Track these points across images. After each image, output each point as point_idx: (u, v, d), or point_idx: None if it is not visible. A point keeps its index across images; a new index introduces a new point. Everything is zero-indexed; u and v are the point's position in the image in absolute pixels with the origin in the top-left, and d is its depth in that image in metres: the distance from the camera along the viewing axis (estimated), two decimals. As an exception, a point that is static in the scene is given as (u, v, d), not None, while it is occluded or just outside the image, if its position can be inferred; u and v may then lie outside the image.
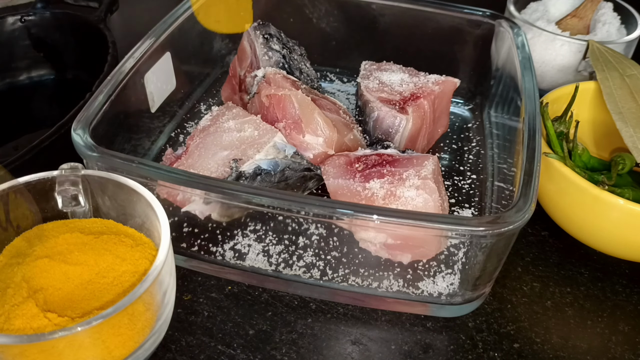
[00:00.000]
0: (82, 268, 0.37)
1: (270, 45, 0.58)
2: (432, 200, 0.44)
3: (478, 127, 0.63)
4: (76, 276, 0.36)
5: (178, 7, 0.59)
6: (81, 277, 0.36)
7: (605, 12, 0.69)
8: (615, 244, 0.48)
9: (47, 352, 0.31)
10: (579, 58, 0.64)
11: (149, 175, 0.41)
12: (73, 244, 0.38)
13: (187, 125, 0.61)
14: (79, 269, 0.37)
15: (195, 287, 0.46)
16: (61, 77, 0.70)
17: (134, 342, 0.35)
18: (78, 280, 0.36)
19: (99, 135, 0.44)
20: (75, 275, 0.36)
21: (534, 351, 0.43)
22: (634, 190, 0.47)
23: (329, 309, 0.45)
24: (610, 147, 0.58)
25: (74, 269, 0.37)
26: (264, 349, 0.42)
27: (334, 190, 0.47)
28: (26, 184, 0.39)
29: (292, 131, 0.50)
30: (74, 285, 0.36)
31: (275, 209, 0.40)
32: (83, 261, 0.37)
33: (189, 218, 0.47)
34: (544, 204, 0.52)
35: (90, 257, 0.37)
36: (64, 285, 0.36)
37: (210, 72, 0.68)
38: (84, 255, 0.37)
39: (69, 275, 0.36)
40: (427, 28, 0.64)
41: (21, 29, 0.67)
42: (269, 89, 0.51)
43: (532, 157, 0.43)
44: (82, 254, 0.37)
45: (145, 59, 0.52)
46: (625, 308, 0.47)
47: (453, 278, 0.45)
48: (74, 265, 0.37)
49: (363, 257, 0.46)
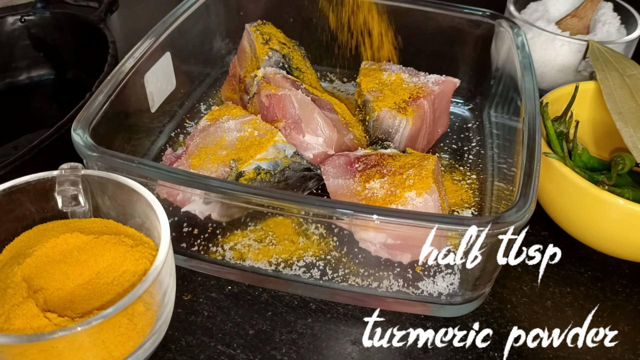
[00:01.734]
0: (82, 268, 0.37)
1: (270, 45, 0.58)
2: (432, 200, 0.44)
3: (478, 127, 0.63)
4: (76, 276, 0.36)
5: (178, 7, 0.59)
6: (81, 277, 0.36)
7: (605, 12, 0.69)
8: (615, 244, 0.48)
9: (47, 352, 0.31)
10: (579, 58, 0.64)
11: (149, 175, 0.41)
12: (73, 244, 0.38)
13: (187, 125, 0.61)
14: (79, 269, 0.37)
15: (195, 287, 0.46)
16: (61, 77, 0.70)
17: (134, 342, 0.35)
18: (78, 280, 0.36)
19: (99, 135, 0.44)
20: (75, 275, 0.36)
21: (534, 351, 0.43)
22: (633, 190, 0.47)
23: (329, 309, 0.45)
24: (610, 147, 0.58)
25: (74, 269, 0.37)
26: (264, 349, 0.42)
27: (334, 190, 0.47)
28: (26, 183, 0.39)
29: (292, 131, 0.50)
30: (74, 285, 0.36)
31: (275, 209, 0.40)
32: (83, 261, 0.37)
33: (189, 218, 0.47)
34: (544, 204, 0.52)
35: (90, 257, 0.37)
36: (64, 285, 0.36)
37: (210, 72, 0.68)
38: (84, 255, 0.37)
39: (69, 275, 0.36)
40: (427, 28, 0.64)
41: (21, 28, 0.67)
42: (269, 89, 0.51)
43: (532, 157, 0.43)
44: (82, 254, 0.37)
45: (145, 58, 0.52)
46: (625, 308, 0.47)
47: (453, 278, 0.45)
48: (74, 265, 0.37)
49: (363, 257, 0.46)
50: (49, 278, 0.36)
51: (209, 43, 0.67)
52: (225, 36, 0.69)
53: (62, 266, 0.36)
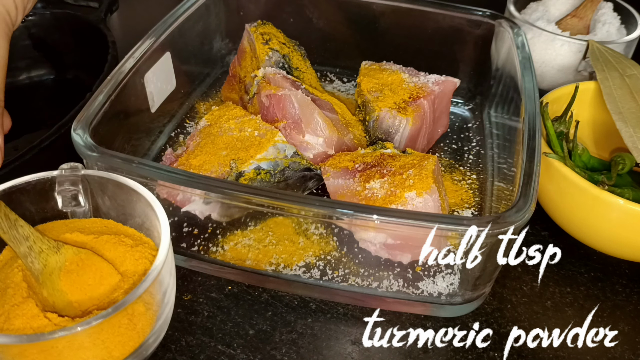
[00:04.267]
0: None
1: (271, 46, 0.58)
2: (432, 201, 0.44)
3: (478, 127, 0.63)
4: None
5: (178, 7, 0.59)
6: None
7: (605, 12, 0.69)
8: (615, 244, 0.48)
9: (47, 352, 0.31)
10: (579, 58, 0.64)
11: (149, 175, 0.41)
12: (73, 244, 0.38)
13: (187, 125, 0.61)
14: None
15: (195, 287, 0.46)
16: (61, 77, 0.70)
17: (134, 342, 0.35)
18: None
19: (98, 135, 0.44)
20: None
21: (534, 351, 0.43)
22: (634, 190, 0.47)
23: (329, 309, 0.45)
24: (610, 147, 0.58)
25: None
26: (264, 349, 0.42)
27: (334, 190, 0.47)
28: (26, 184, 0.39)
29: (292, 131, 0.50)
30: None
31: (275, 209, 0.40)
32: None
33: (188, 218, 0.47)
34: (544, 204, 0.52)
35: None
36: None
37: (210, 72, 0.68)
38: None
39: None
40: (427, 28, 0.64)
41: (21, 29, 0.67)
42: (269, 89, 0.51)
43: (532, 157, 0.43)
44: (82, 254, 0.37)
45: (145, 58, 0.52)
46: (625, 308, 0.47)
47: (453, 278, 0.45)
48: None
49: (363, 257, 0.46)
50: (49, 278, 0.36)
51: (209, 43, 0.67)
52: (225, 36, 0.69)
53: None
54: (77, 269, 0.36)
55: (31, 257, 0.35)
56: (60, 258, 0.36)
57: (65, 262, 0.36)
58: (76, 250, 0.37)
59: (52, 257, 0.36)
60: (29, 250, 0.35)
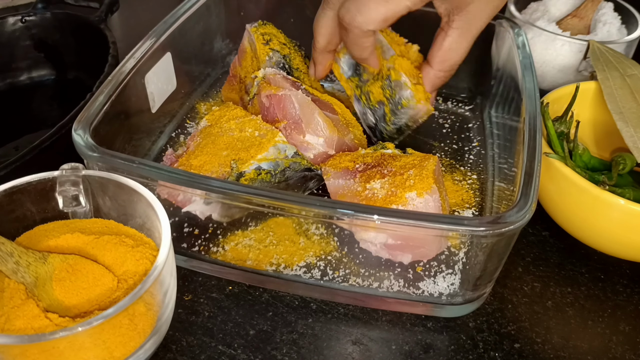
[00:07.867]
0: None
1: (271, 46, 0.58)
2: (432, 201, 0.43)
3: (478, 127, 0.63)
4: (77, 276, 0.36)
5: (178, 7, 0.59)
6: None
7: (605, 12, 0.69)
8: (616, 244, 0.48)
9: (48, 353, 0.31)
10: (579, 58, 0.64)
11: (150, 175, 0.41)
12: (74, 245, 0.38)
13: (188, 126, 0.61)
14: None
15: (195, 287, 0.46)
16: (62, 78, 0.70)
17: (135, 342, 0.35)
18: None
19: (99, 136, 0.44)
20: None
21: (535, 351, 0.43)
22: (634, 190, 0.47)
23: (330, 309, 0.45)
24: (611, 147, 0.58)
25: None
26: (264, 349, 0.42)
27: (335, 190, 0.47)
28: (27, 184, 0.39)
29: (293, 131, 0.50)
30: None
31: (276, 209, 0.40)
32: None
33: (189, 218, 0.47)
34: (544, 204, 0.52)
35: (90, 257, 0.37)
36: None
37: (210, 72, 0.68)
38: (84, 255, 0.37)
39: (69, 275, 0.36)
40: (427, 28, 0.64)
41: (22, 29, 0.68)
42: (269, 90, 0.51)
43: (532, 157, 0.43)
44: (82, 254, 0.37)
45: (146, 59, 0.52)
46: (626, 308, 0.47)
47: (454, 278, 0.45)
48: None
49: (363, 257, 0.46)
50: (50, 278, 0.36)
51: (209, 43, 0.67)
52: (226, 36, 0.69)
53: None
54: (68, 276, 0.36)
55: (20, 272, 0.35)
56: (49, 268, 0.36)
57: (55, 271, 0.36)
58: (63, 257, 0.36)
59: (41, 268, 0.35)
60: (16, 266, 0.35)
